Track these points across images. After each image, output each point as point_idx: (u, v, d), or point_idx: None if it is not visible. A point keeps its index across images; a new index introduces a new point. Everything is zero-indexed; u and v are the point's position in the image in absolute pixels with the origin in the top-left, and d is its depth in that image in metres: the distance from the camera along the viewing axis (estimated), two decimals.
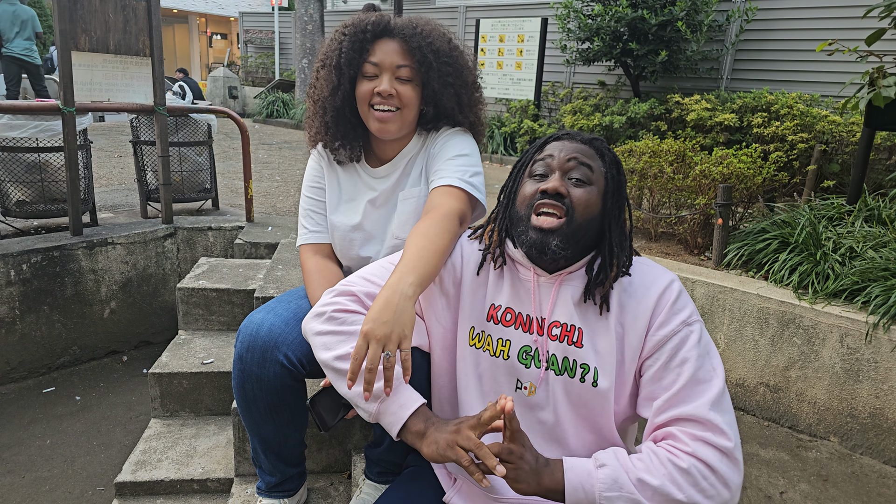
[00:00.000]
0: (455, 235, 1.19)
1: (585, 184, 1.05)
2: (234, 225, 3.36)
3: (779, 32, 5.93)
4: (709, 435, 0.93)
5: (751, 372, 2.77)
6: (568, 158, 1.06)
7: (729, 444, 0.92)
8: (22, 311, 2.79)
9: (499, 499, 1.13)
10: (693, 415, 0.94)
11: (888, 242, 2.67)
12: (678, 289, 1.05)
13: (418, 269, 1.06)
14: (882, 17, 2.80)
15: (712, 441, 0.92)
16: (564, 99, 7.50)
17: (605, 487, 0.91)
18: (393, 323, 0.98)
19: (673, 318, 1.02)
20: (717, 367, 1.00)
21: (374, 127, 1.35)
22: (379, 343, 0.97)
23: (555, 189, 1.03)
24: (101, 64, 3.05)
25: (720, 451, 0.92)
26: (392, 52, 1.33)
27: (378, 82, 1.32)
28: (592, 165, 1.06)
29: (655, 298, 1.03)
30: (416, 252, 1.10)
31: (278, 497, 1.48)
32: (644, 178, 3.48)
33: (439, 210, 1.22)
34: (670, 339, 1.01)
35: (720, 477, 0.91)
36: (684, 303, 1.04)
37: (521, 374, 1.10)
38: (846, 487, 2.28)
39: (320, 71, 1.40)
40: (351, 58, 1.33)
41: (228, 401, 2.19)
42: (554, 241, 1.03)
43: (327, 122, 1.41)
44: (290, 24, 12.61)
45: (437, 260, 1.11)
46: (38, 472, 2.23)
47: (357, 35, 1.33)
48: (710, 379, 0.98)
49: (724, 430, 0.93)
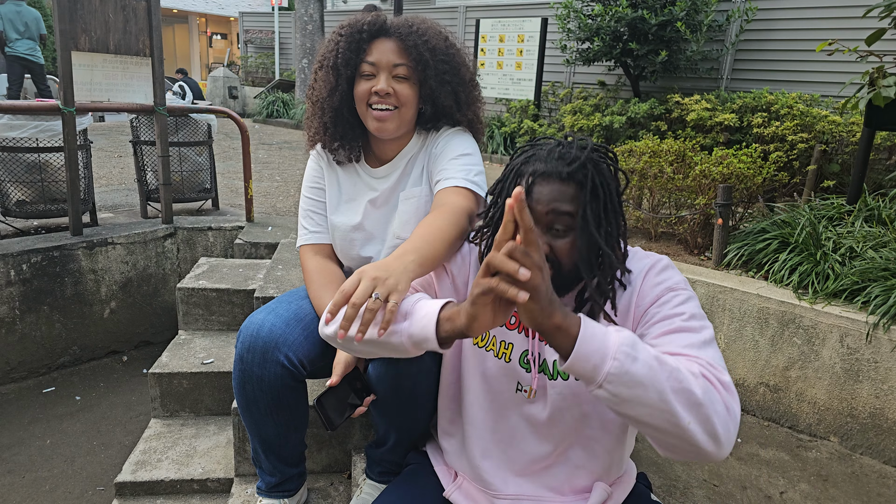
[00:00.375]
0: (463, 231, 1.19)
1: (568, 231, 0.98)
2: (234, 225, 3.36)
3: (779, 32, 5.93)
4: (706, 364, 0.89)
5: (751, 372, 2.77)
6: (546, 212, 0.98)
7: (726, 378, 0.88)
8: (22, 311, 2.79)
9: (497, 495, 1.13)
10: (688, 352, 0.90)
11: (888, 242, 2.67)
12: (665, 263, 1.05)
13: (421, 249, 1.06)
14: (882, 17, 2.80)
15: (712, 371, 0.88)
16: (564, 99, 7.50)
17: (624, 342, 0.81)
18: (389, 272, 0.96)
19: (657, 286, 1.01)
20: (707, 324, 0.97)
21: (373, 126, 1.35)
22: (372, 281, 0.93)
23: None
24: (101, 64, 3.05)
25: (722, 382, 0.87)
26: (388, 51, 1.33)
27: (375, 81, 1.33)
28: (572, 210, 0.98)
29: (643, 274, 1.04)
30: (420, 235, 1.10)
31: (278, 497, 1.48)
32: (644, 178, 3.48)
33: (448, 206, 1.22)
34: (655, 302, 1.00)
35: (727, 402, 0.86)
36: (670, 274, 1.03)
37: (521, 377, 1.10)
38: (846, 487, 2.28)
39: (318, 72, 1.40)
40: (348, 58, 1.33)
41: (228, 401, 2.19)
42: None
43: (326, 122, 1.41)
44: (290, 24, 12.61)
45: (441, 246, 1.10)
46: (38, 472, 2.23)
47: (353, 35, 1.33)
48: (700, 328, 0.94)
49: (720, 367, 0.89)
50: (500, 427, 1.14)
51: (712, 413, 0.83)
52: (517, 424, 1.13)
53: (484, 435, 1.15)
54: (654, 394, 0.81)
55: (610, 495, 1.13)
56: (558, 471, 1.12)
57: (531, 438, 1.12)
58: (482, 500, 1.16)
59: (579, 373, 0.82)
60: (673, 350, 0.91)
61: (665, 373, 0.82)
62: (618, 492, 1.15)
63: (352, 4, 13.59)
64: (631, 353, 0.81)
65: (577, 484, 1.12)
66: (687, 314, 0.96)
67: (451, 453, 1.24)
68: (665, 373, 0.82)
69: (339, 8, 13.70)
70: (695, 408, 0.82)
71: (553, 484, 1.13)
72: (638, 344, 0.83)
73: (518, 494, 1.13)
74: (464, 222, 1.20)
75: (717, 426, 0.83)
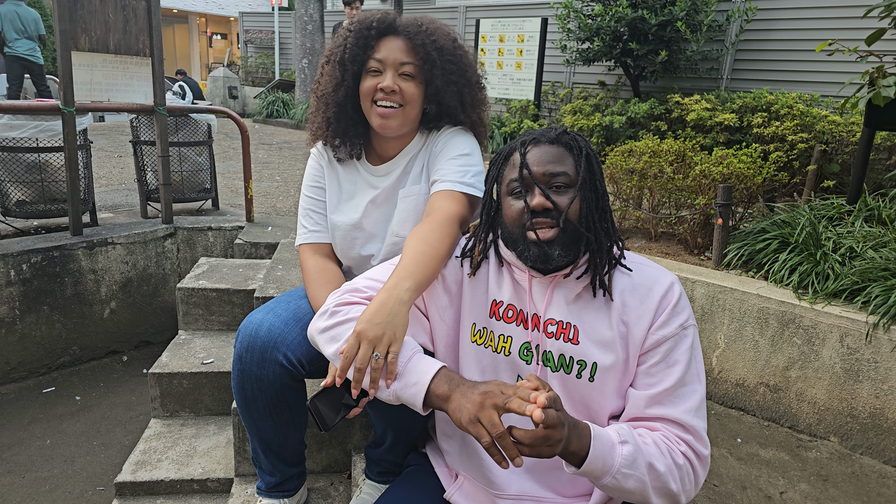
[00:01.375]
0: (455, 239, 1.20)
1: (567, 187, 1.06)
2: (234, 225, 3.36)
3: (779, 32, 5.93)
4: (692, 440, 1.01)
5: (751, 372, 2.77)
6: (544, 171, 1.06)
7: (706, 452, 1.03)
8: (22, 311, 2.79)
9: (500, 495, 1.13)
10: (680, 419, 1.02)
11: (888, 242, 2.67)
12: (679, 291, 1.09)
13: (416, 274, 1.08)
14: (882, 17, 2.80)
15: (695, 447, 1.01)
16: (564, 99, 7.50)
17: (624, 464, 0.94)
18: (385, 325, 1.00)
19: (673, 320, 1.06)
20: (702, 373, 1.07)
21: (376, 123, 1.36)
22: (370, 344, 0.98)
23: (539, 205, 1.05)
24: (101, 64, 3.05)
25: (700, 457, 1.02)
26: (396, 49, 1.34)
27: (381, 78, 1.33)
28: (566, 169, 1.06)
29: (658, 299, 1.07)
30: (414, 256, 1.11)
31: (278, 497, 1.48)
32: (644, 178, 3.48)
33: (439, 214, 1.23)
34: (668, 340, 1.05)
35: (697, 478, 1.02)
36: (683, 306, 1.08)
37: (521, 370, 1.11)
38: (846, 487, 2.28)
39: (325, 66, 1.42)
40: (355, 54, 1.34)
41: (228, 401, 2.19)
42: (555, 250, 1.05)
43: (329, 117, 1.42)
44: (290, 24, 12.61)
45: (436, 265, 1.12)
46: (38, 472, 2.23)
47: (362, 32, 1.34)
48: (695, 385, 1.05)
49: (704, 438, 1.03)
50: None
51: (681, 494, 0.99)
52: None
53: None
54: (638, 496, 0.97)
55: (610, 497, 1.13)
56: (560, 470, 1.12)
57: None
58: (484, 500, 1.16)
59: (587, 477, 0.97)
60: (672, 416, 1.02)
61: (652, 478, 0.96)
62: None
63: None
64: (627, 472, 0.94)
65: (580, 485, 1.13)
66: (692, 359, 1.06)
67: (451, 454, 1.24)
68: (652, 478, 0.96)
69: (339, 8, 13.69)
70: (669, 497, 0.98)
71: (555, 484, 1.13)
72: (636, 461, 0.95)
73: (520, 494, 1.13)
74: (455, 231, 1.21)
75: (682, 500, 1.00)
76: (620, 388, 1.08)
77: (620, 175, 3.61)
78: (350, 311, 1.09)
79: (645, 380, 1.05)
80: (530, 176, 1.07)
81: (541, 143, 1.09)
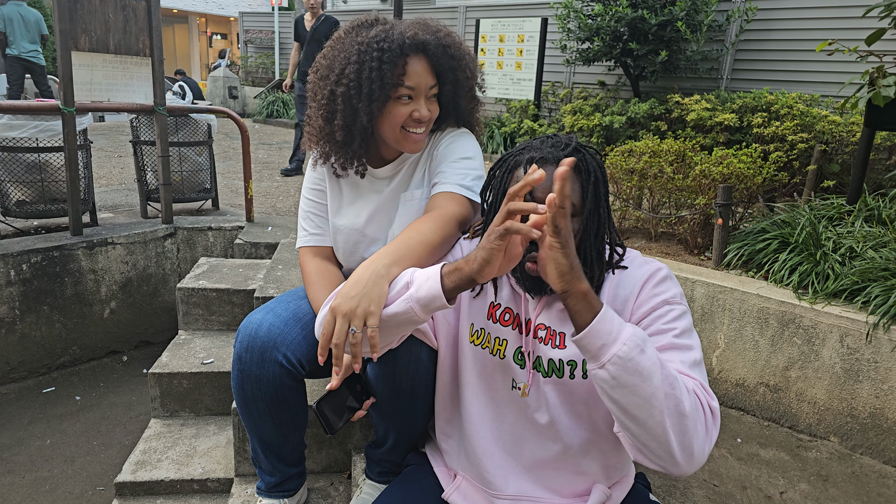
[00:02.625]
0: (451, 237, 1.20)
1: (570, 216, 1.00)
2: (234, 225, 3.36)
3: (779, 32, 5.93)
4: (698, 386, 0.94)
5: (751, 372, 2.77)
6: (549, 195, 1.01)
7: (714, 403, 0.94)
8: (22, 311, 2.79)
9: (498, 495, 1.13)
10: (682, 370, 0.95)
11: (888, 242, 2.67)
12: (664, 274, 1.07)
13: (396, 252, 1.07)
14: (882, 16, 2.80)
15: (703, 394, 0.94)
16: (564, 99, 7.50)
17: (636, 334, 0.87)
18: (360, 297, 0.97)
19: (656, 295, 1.04)
20: (696, 343, 1.00)
21: (409, 148, 1.32)
22: (345, 318, 0.96)
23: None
24: (101, 64, 3.05)
25: (709, 403, 0.93)
26: (424, 73, 1.26)
27: (414, 106, 1.27)
28: (573, 199, 1.02)
29: (642, 281, 1.06)
30: (400, 239, 1.11)
31: (278, 497, 1.48)
32: (644, 178, 3.48)
33: (438, 212, 1.22)
34: (651, 314, 1.02)
35: (708, 423, 0.92)
36: (669, 286, 1.05)
37: (515, 374, 1.11)
38: (846, 487, 2.28)
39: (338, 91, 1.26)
40: (384, 83, 1.23)
41: (228, 401, 2.19)
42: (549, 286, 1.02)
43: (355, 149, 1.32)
44: (290, 24, 12.61)
45: (421, 250, 1.10)
46: (38, 472, 2.23)
47: (391, 58, 1.23)
48: (690, 347, 0.99)
49: (708, 389, 0.95)
50: (499, 424, 1.14)
51: (692, 428, 0.88)
52: (516, 421, 1.13)
53: (484, 433, 1.15)
54: (648, 388, 0.85)
55: (609, 497, 1.13)
56: (559, 471, 1.12)
57: (530, 436, 1.12)
58: (481, 500, 1.16)
59: (589, 348, 0.87)
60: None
61: (663, 374, 0.86)
62: (616, 492, 1.15)
63: (352, 4, 13.58)
64: (640, 344, 0.86)
65: (577, 485, 1.13)
66: (679, 330, 0.99)
67: (451, 454, 1.24)
68: (663, 374, 0.86)
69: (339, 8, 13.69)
70: (679, 417, 0.87)
71: (553, 485, 1.13)
72: (648, 341, 0.88)
73: (518, 494, 1.13)
74: (451, 228, 1.19)
75: (694, 442, 0.88)
76: None
77: (620, 175, 3.61)
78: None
79: None
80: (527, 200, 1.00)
81: (547, 164, 1.02)
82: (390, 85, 1.24)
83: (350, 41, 1.28)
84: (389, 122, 1.28)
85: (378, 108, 1.26)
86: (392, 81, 1.23)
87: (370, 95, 1.23)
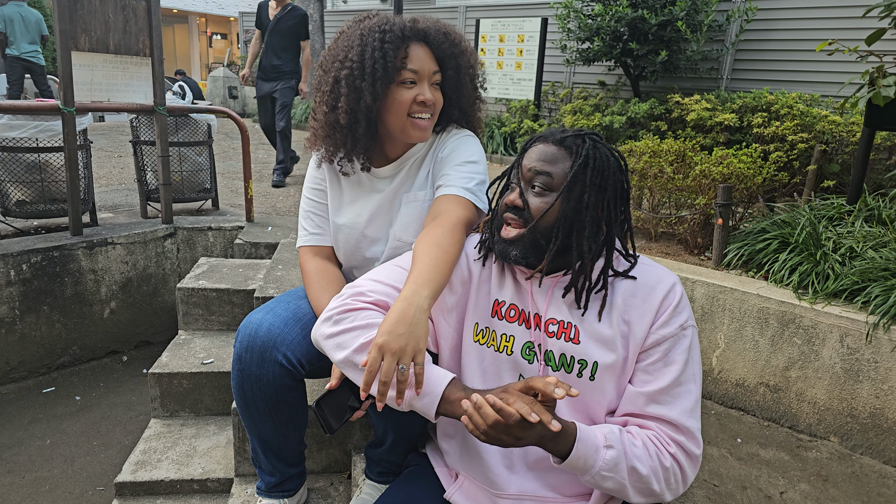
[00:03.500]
0: (462, 244, 1.20)
1: (546, 191, 1.06)
2: (234, 225, 3.36)
3: (779, 32, 5.93)
4: (684, 440, 1.02)
5: (751, 372, 2.77)
6: (529, 168, 1.08)
7: (698, 452, 1.04)
8: (22, 311, 2.79)
9: (500, 494, 1.13)
10: (674, 419, 1.03)
11: (888, 242, 2.67)
12: (681, 292, 1.09)
13: (433, 280, 1.06)
14: (882, 16, 2.80)
15: (687, 447, 1.02)
16: (564, 99, 7.50)
17: (604, 468, 0.96)
18: (408, 336, 0.97)
19: (674, 320, 1.06)
20: (698, 374, 1.08)
21: (416, 135, 1.33)
22: (394, 356, 0.96)
23: (511, 202, 1.08)
24: (101, 64, 3.05)
25: (691, 457, 1.03)
26: (426, 58, 1.31)
27: (418, 90, 1.30)
28: (553, 171, 1.05)
29: (661, 298, 1.07)
30: (430, 262, 1.09)
31: (278, 497, 1.48)
32: (644, 178, 3.48)
33: (448, 218, 1.21)
34: (667, 340, 1.05)
35: (686, 477, 1.03)
36: (684, 306, 1.09)
37: (524, 369, 1.11)
38: (846, 487, 2.28)
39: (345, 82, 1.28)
40: (389, 65, 1.27)
41: (228, 401, 2.19)
42: (513, 251, 1.07)
43: (360, 135, 1.32)
44: None
45: (449, 270, 1.12)
46: (38, 472, 2.23)
47: (393, 41, 1.27)
48: (690, 386, 1.05)
49: (697, 438, 1.04)
50: None
51: (665, 492, 1.02)
52: None
53: None
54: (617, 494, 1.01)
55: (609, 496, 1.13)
56: (561, 470, 1.12)
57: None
58: (484, 500, 1.16)
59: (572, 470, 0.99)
60: (666, 416, 1.03)
61: (633, 479, 0.98)
62: None
63: (352, 4, 13.58)
64: (606, 475, 0.97)
65: (580, 483, 1.12)
66: (689, 359, 1.06)
67: (452, 454, 1.24)
68: (633, 479, 0.98)
69: (339, 8, 13.69)
70: (650, 495, 1.01)
71: (555, 483, 1.13)
72: (618, 465, 0.97)
73: (521, 494, 1.12)
74: (463, 235, 1.20)
75: (667, 497, 1.03)
76: (619, 387, 1.08)
77: None
78: (356, 317, 1.07)
79: (642, 377, 1.06)
80: (517, 171, 1.10)
81: (545, 141, 1.09)
82: (393, 67, 1.27)
83: (352, 31, 1.32)
84: (395, 110, 1.31)
85: (382, 88, 1.28)
86: (395, 65, 1.27)
87: (373, 75, 1.26)
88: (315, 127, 1.39)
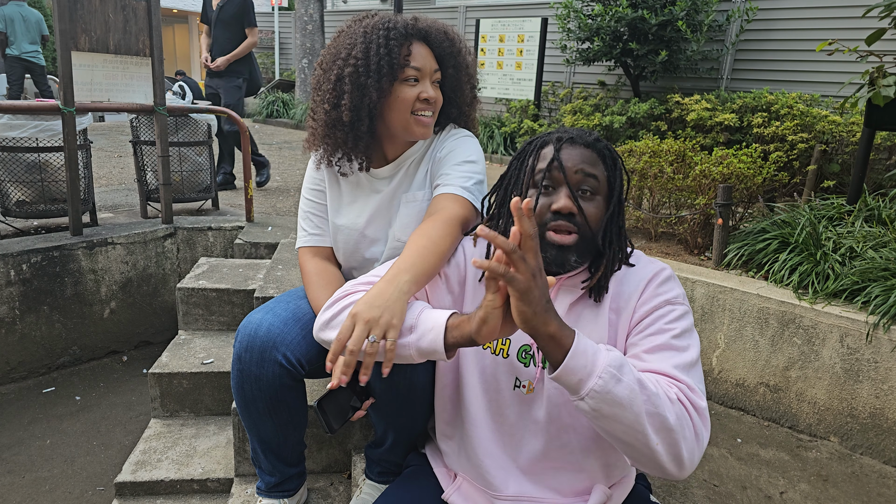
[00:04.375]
0: (456, 240, 1.20)
1: (594, 195, 1.07)
2: (234, 225, 3.36)
3: (779, 32, 5.93)
4: (685, 388, 0.94)
5: (751, 372, 2.77)
6: (576, 170, 1.05)
7: (703, 404, 0.94)
8: (22, 311, 2.79)
9: (498, 496, 1.13)
10: (667, 372, 0.96)
11: (888, 242, 2.67)
12: (667, 274, 1.09)
13: (416, 266, 1.07)
14: (882, 16, 2.80)
15: (689, 395, 0.94)
16: (564, 99, 7.50)
17: (612, 363, 0.87)
18: (384, 309, 0.98)
19: (659, 295, 1.05)
20: (694, 343, 1.01)
21: (419, 132, 1.33)
22: (366, 325, 0.96)
23: (568, 209, 1.03)
24: (101, 64, 3.05)
25: (697, 408, 0.93)
26: (428, 56, 1.32)
27: (421, 87, 1.31)
28: (597, 174, 1.07)
29: (646, 281, 1.07)
30: (416, 251, 1.11)
31: (278, 497, 1.48)
32: (644, 178, 3.48)
33: (443, 214, 1.22)
34: (652, 314, 1.04)
35: (696, 427, 0.92)
36: (671, 286, 1.07)
37: (519, 372, 1.11)
38: (846, 487, 2.28)
39: (352, 73, 1.27)
40: (392, 62, 1.27)
41: (228, 401, 2.19)
42: (572, 256, 1.05)
43: (362, 133, 1.32)
44: (290, 24, 12.61)
45: (436, 261, 1.12)
46: (38, 472, 2.23)
47: (397, 38, 1.28)
48: (687, 348, 0.99)
49: (698, 391, 0.95)
50: (499, 425, 1.14)
51: (680, 439, 0.89)
52: (517, 422, 1.13)
53: (485, 434, 1.15)
54: (630, 415, 0.86)
55: (609, 497, 1.13)
56: (559, 471, 1.12)
57: (531, 436, 1.12)
58: (482, 501, 1.16)
59: (565, 384, 0.87)
60: (659, 369, 0.96)
61: (644, 396, 0.87)
62: (617, 493, 1.15)
63: (352, 4, 13.58)
64: (616, 374, 0.86)
65: (578, 483, 1.12)
66: (678, 330, 1.00)
67: (450, 455, 1.24)
68: (644, 396, 0.87)
69: (339, 8, 13.69)
70: (665, 432, 0.88)
71: (554, 485, 1.13)
72: (624, 367, 0.88)
73: (519, 495, 1.12)
74: (457, 232, 1.20)
75: (683, 451, 0.89)
76: None
77: None
78: (349, 299, 1.08)
79: (632, 350, 1.04)
80: (562, 174, 1.04)
81: (576, 144, 1.07)
82: (398, 64, 1.27)
83: (353, 29, 1.32)
84: (399, 108, 1.31)
85: (387, 84, 1.28)
86: (399, 61, 1.27)
87: (379, 71, 1.26)
88: (314, 126, 1.38)
